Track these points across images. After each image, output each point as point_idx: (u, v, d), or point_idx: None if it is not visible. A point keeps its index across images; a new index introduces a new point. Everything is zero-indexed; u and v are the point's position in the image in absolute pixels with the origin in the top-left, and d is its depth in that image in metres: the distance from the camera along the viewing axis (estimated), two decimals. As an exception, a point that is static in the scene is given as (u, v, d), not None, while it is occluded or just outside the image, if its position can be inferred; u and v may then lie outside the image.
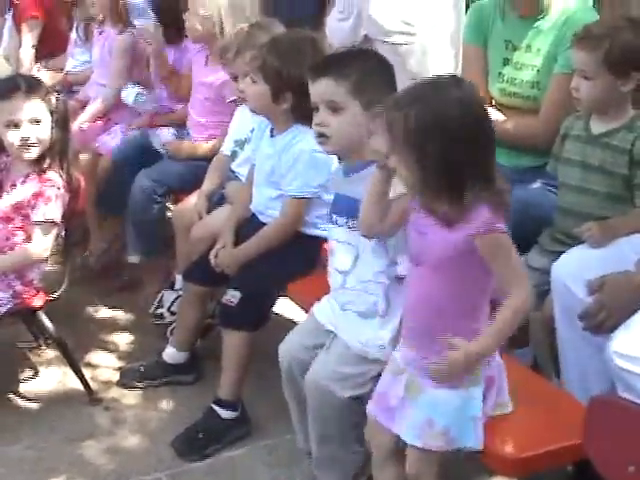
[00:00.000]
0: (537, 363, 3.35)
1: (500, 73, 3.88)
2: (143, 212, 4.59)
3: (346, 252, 3.04)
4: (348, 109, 2.97)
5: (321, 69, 3.03)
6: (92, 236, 5.08)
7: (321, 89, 3.00)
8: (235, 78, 4.09)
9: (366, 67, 3.00)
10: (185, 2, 4.68)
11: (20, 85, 3.80)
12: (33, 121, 3.78)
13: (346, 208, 3.01)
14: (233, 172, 4.29)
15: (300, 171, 3.60)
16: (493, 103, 3.92)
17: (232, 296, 3.62)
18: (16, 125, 3.78)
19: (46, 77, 5.50)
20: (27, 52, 5.90)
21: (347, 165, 3.09)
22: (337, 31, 4.51)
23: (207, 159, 4.50)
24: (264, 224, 3.74)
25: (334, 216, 3.10)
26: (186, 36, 4.86)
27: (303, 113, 3.38)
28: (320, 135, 3.03)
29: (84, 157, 5.01)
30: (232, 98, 4.47)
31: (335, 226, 3.09)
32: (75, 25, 5.69)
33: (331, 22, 4.60)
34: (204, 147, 4.67)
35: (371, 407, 2.81)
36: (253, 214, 3.83)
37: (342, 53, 3.18)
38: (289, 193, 3.64)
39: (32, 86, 3.82)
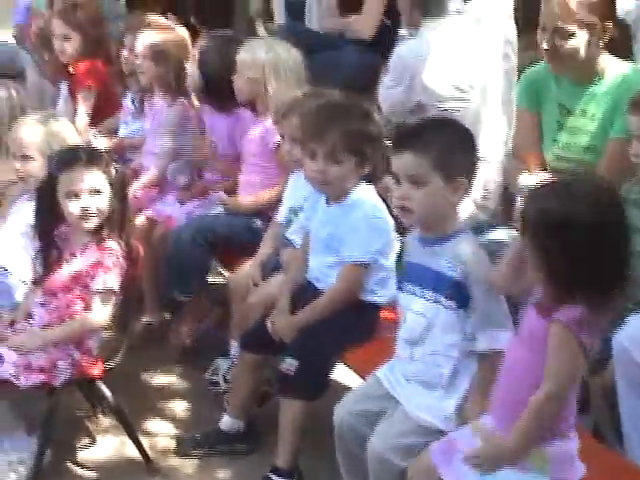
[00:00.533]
0: (599, 430, 3.32)
1: (554, 138, 3.89)
2: (185, 252, 4.64)
3: (417, 323, 3.06)
4: (430, 182, 3.02)
5: (403, 142, 3.08)
6: (147, 302, 5.12)
7: (403, 162, 3.05)
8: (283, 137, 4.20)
9: (448, 139, 3.06)
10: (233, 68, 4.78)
11: (81, 156, 3.88)
12: (93, 192, 3.85)
13: (423, 279, 3.05)
14: (287, 239, 4.32)
15: (359, 237, 3.64)
16: (547, 168, 3.94)
17: (289, 364, 3.63)
18: (76, 195, 3.84)
19: (102, 143, 5.62)
20: (82, 120, 6.01)
21: (426, 235, 3.12)
22: (389, 97, 4.57)
23: (258, 214, 4.62)
24: (321, 291, 3.76)
25: (408, 285, 3.13)
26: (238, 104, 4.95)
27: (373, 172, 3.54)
28: (402, 208, 3.07)
29: (139, 224, 5.06)
30: (276, 142, 4.56)
31: (407, 294, 3.11)
32: (131, 96, 5.79)
33: (383, 88, 4.66)
34: (264, 196, 4.71)
35: (435, 453, 2.80)
36: (309, 281, 3.86)
37: (423, 125, 3.23)
38: (348, 259, 3.67)
39: (93, 157, 3.90)
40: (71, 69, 6.13)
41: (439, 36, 4.42)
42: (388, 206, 3.87)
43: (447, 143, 3.04)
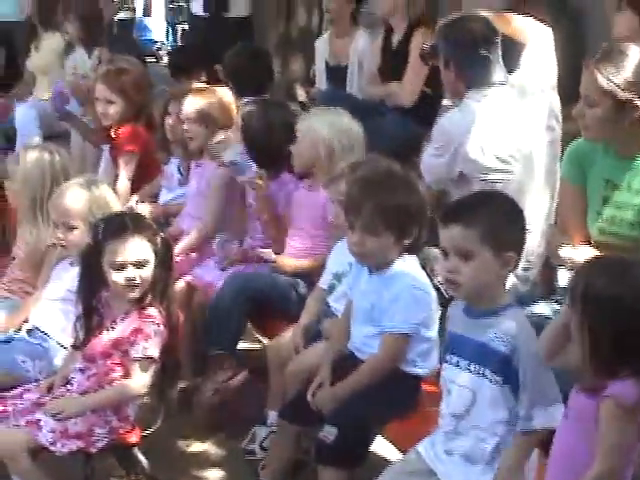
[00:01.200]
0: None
1: (599, 212, 3.88)
2: (225, 305, 4.66)
3: (463, 396, 3.05)
4: (479, 256, 3.03)
5: (451, 215, 3.11)
6: (184, 369, 5.11)
7: (451, 236, 3.07)
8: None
9: (497, 213, 3.08)
10: (287, 136, 4.84)
11: (128, 225, 3.89)
12: (138, 263, 3.87)
13: (470, 351, 3.05)
14: (329, 306, 4.33)
15: (401, 308, 3.64)
16: (591, 242, 3.92)
17: (329, 432, 3.61)
18: (122, 266, 3.86)
19: (146, 210, 5.67)
20: (123, 185, 6.07)
21: (474, 308, 3.12)
22: (432, 167, 4.59)
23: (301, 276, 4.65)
24: (362, 361, 3.75)
25: (453, 357, 3.13)
26: (286, 170, 4.99)
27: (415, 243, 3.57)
28: (450, 282, 3.08)
29: (178, 289, 5.07)
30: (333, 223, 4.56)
31: (451, 366, 3.11)
32: (177, 163, 5.84)
33: (426, 157, 4.68)
34: (308, 263, 4.74)
35: None
36: (350, 351, 3.85)
37: (472, 199, 3.27)
38: (389, 330, 3.67)
39: (139, 226, 3.91)
40: (112, 133, 6.19)
41: (483, 107, 4.44)
42: (430, 277, 3.89)
43: (496, 217, 3.07)
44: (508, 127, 4.45)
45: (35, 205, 4.77)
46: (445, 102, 5.23)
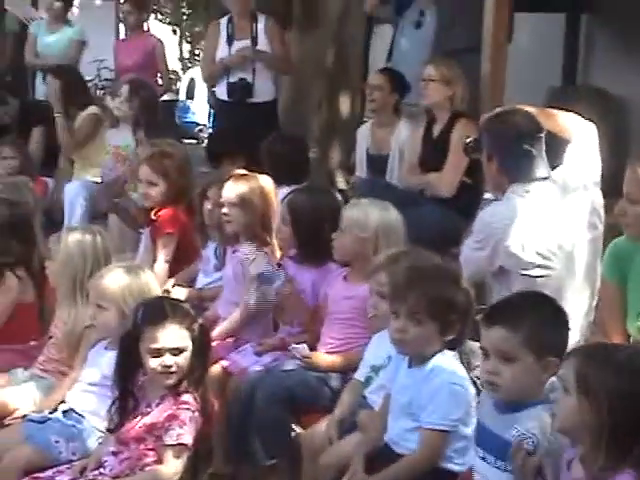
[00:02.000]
0: None
1: (639, 312, 3.88)
2: (265, 413, 4.64)
3: None
4: (520, 359, 3.06)
5: (495, 317, 3.14)
6: (215, 455, 5.10)
7: (493, 337, 3.10)
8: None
9: (540, 317, 3.10)
10: (335, 225, 4.88)
11: (167, 313, 3.92)
12: (175, 350, 3.89)
13: (496, 448, 3.07)
14: (365, 398, 4.31)
15: (440, 403, 3.63)
16: (631, 340, 3.92)
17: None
18: (159, 353, 3.88)
19: (182, 294, 5.71)
20: (160, 267, 6.11)
21: (504, 402, 3.13)
22: (472, 260, 4.60)
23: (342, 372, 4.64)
24: (398, 455, 3.73)
25: (480, 450, 3.14)
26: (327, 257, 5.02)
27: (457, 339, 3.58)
28: (490, 383, 3.09)
29: (214, 373, 5.07)
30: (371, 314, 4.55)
31: (481, 460, 3.11)
32: (214, 248, 5.89)
33: (466, 250, 4.70)
34: (343, 359, 4.73)
35: None
36: (386, 444, 3.83)
37: (516, 300, 3.29)
38: (428, 426, 3.65)
39: (178, 314, 3.94)
40: (153, 215, 6.27)
41: (526, 202, 4.47)
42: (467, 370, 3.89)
43: (539, 320, 3.09)
44: (550, 223, 4.46)
45: (75, 286, 4.80)
46: (487, 195, 5.26)
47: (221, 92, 8.40)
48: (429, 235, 5.40)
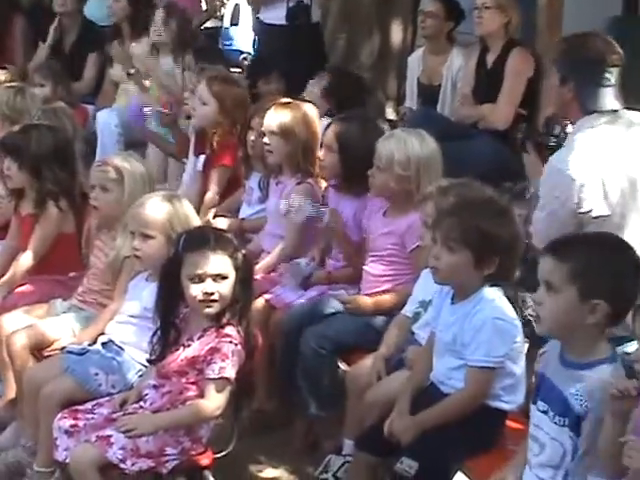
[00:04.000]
0: None
1: None
2: (315, 371, 4.69)
3: (553, 448, 3.08)
4: (562, 293, 3.05)
5: (549, 246, 3.16)
6: (259, 391, 5.15)
7: (543, 266, 3.11)
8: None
9: (595, 256, 3.09)
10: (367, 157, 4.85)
11: (209, 239, 3.93)
12: (218, 277, 3.90)
13: (555, 400, 3.08)
14: (413, 334, 4.34)
15: (483, 340, 3.64)
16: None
17: (408, 465, 3.63)
18: (200, 279, 3.89)
19: (223, 224, 5.76)
20: (211, 198, 6.16)
21: (567, 354, 3.15)
22: (555, 218, 4.47)
23: (387, 314, 4.64)
24: (444, 394, 3.76)
25: (541, 403, 3.15)
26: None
27: (501, 277, 3.57)
28: (536, 314, 3.13)
29: (257, 307, 5.09)
30: (415, 243, 4.60)
31: (539, 412, 3.15)
32: (258, 179, 5.91)
33: (541, 214, 4.54)
34: (388, 300, 4.74)
35: None
36: (432, 382, 3.86)
37: (580, 236, 3.35)
38: (472, 363, 3.67)
39: (221, 242, 3.95)
40: (214, 142, 6.25)
41: (595, 136, 4.40)
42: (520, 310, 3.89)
43: (593, 259, 3.07)
44: (618, 159, 4.40)
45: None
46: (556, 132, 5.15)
47: (275, 17, 8.35)
48: (482, 168, 5.35)
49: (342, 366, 4.89)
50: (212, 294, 3.89)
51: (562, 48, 4.63)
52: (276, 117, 5.50)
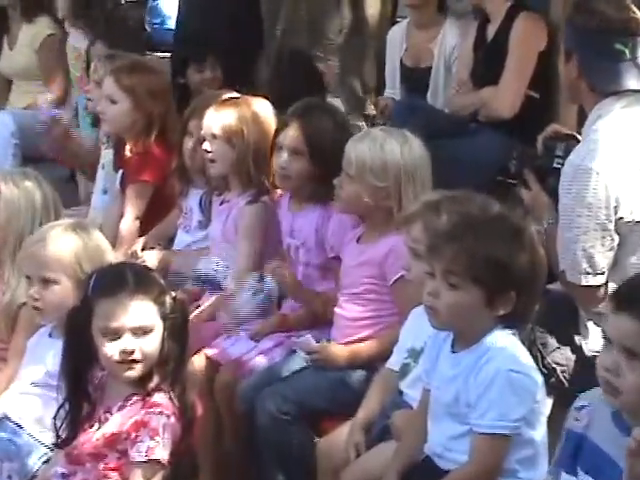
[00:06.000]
0: None
1: None
2: (276, 444, 4.68)
3: None
4: None
5: (624, 300, 3.12)
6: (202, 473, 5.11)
7: (620, 327, 3.08)
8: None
9: None
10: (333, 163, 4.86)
11: (127, 280, 3.90)
12: (139, 330, 3.86)
13: (606, 474, 3.09)
14: (401, 393, 4.32)
15: (495, 399, 3.60)
16: None
17: None
18: (116, 334, 3.86)
19: (152, 258, 5.75)
20: (129, 225, 6.16)
21: (630, 418, 3.12)
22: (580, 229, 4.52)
23: (367, 368, 4.65)
24: (443, 471, 3.72)
25: (583, 474, 3.17)
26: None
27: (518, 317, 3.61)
28: (609, 384, 3.09)
29: (197, 366, 5.07)
30: (397, 275, 4.60)
31: None
32: (199, 198, 5.90)
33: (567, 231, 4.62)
34: (368, 349, 4.73)
35: None
36: (427, 456, 3.82)
37: None
38: (481, 430, 3.62)
39: (142, 283, 3.92)
40: (129, 151, 6.27)
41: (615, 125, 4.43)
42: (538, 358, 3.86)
43: None
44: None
45: (16, 248, 4.78)
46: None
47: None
48: (486, 174, 5.37)
49: (313, 437, 4.87)
50: (132, 352, 3.85)
51: (569, 15, 4.66)
52: (218, 117, 5.52)
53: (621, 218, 4.34)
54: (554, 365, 4.24)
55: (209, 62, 7.54)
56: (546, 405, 3.82)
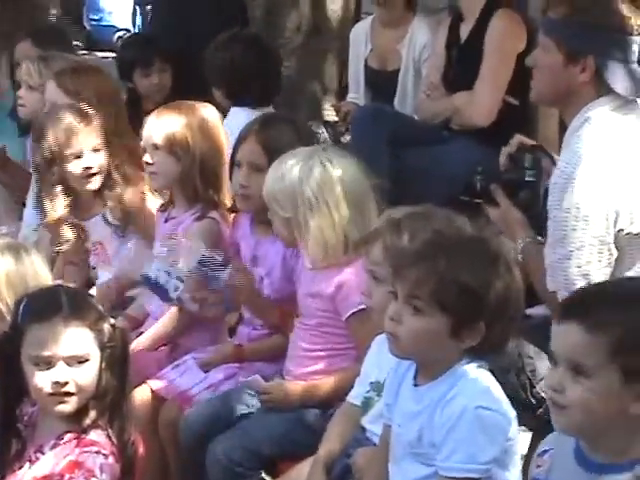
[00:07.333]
0: None
1: None
2: None
3: None
4: (598, 378, 3.05)
5: (570, 308, 3.17)
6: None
7: (565, 338, 3.11)
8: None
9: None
10: None
11: (61, 304, 3.89)
12: (73, 359, 3.85)
13: None
14: (364, 430, 4.33)
15: (462, 439, 3.59)
16: None
17: None
18: (48, 363, 3.84)
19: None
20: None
21: (592, 456, 3.14)
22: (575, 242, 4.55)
23: (322, 406, 4.64)
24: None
25: None
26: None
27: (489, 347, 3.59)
28: (554, 404, 3.11)
29: (139, 401, 5.05)
30: (350, 312, 4.64)
31: None
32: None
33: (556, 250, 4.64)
34: (325, 386, 4.74)
35: None
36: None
37: (609, 287, 3.38)
38: (446, 473, 3.61)
39: (78, 307, 3.91)
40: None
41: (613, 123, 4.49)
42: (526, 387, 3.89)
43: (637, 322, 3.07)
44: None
45: None
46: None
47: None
48: (456, 187, 5.37)
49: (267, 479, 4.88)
50: (65, 384, 3.84)
51: (565, 11, 4.67)
52: (160, 125, 5.50)
53: (621, 230, 4.36)
54: (543, 395, 4.23)
55: (157, 64, 7.57)
56: (521, 443, 3.80)
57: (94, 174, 5.84)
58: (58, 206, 5.80)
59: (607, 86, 4.49)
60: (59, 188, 5.76)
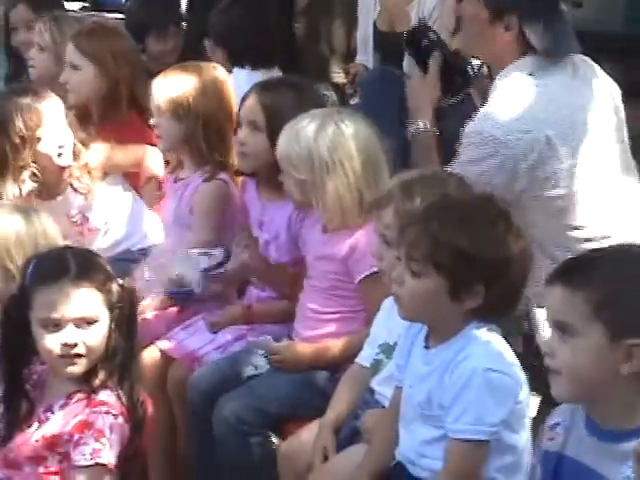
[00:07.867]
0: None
1: None
2: (236, 455, 4.69)
3: None
4: (583, 336, 3.08)
5: (557, 273, 3.18)
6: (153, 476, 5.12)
7: (551, 301, 3.16)
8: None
9: (628, 276, 3.11)
10: None
11: (69, 265, 3.89)
12: (82, 321, 3.86)
13: None
14: (373, 392, 4.33)
15: (471, 401, 3.60)
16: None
17: None
18: (57, 325, 3.85)
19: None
20: None
21: (601, 423, 3.15)
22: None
23: (331, 368, 4.66)
24: (415, 478, 3.75)
25: None
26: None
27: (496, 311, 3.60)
28: (548, 368, 3.13)
29: (148, 361, 5.06)
30: (363, 275, 4.63)
31: None
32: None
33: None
34: (335, 348, 4.74)
35: None
36: (398, 462, 3.84)
37: (598, 253, 3.34)
38: (455, 435, 3.63)
39: (86, 268, 3.91)
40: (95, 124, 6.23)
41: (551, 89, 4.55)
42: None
43: (626, 281, 3.09)
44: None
45: None
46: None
47: None
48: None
49: (274, 440, 4.87)
50: (75, 346, 3.85)
51: None
52: (164, 88, 5.50)
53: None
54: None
55: (171, 30, 7.54)
56: (531, 406, 3.82)
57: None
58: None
59: (531, 45, 4.54)
60: (27, 173, 5.66)
